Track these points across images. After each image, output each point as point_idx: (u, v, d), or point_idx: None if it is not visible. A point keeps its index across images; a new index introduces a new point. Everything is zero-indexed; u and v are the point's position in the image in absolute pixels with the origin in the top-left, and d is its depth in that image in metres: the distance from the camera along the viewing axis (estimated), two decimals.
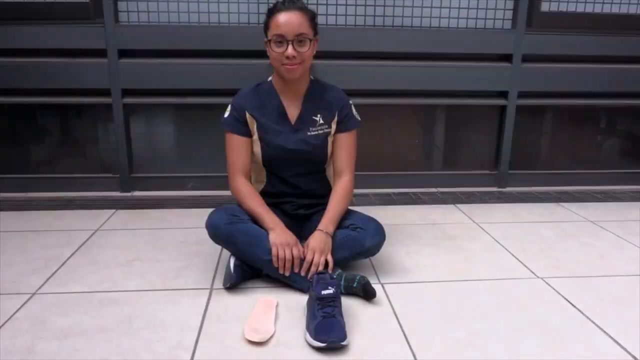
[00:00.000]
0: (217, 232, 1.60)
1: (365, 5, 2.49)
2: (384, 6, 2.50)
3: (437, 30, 2.55)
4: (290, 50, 1.52)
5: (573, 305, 1.51)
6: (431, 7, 2.52)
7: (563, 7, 2.59)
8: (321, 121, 1.69)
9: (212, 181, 2.60)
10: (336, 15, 2.47)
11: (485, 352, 1.26)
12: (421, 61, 2.54)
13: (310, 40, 1.56)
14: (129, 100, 2.49)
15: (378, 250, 1.66)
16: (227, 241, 1.59)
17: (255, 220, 1.62)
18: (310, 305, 1.37)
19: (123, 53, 2.42)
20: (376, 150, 2.66)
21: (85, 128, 2.58)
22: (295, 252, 1.51)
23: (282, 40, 1.53)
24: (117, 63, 2.40)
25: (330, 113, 1.70)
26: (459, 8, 2.53)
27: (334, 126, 1.71)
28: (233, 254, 1.60)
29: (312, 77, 1.73)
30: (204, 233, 1.61)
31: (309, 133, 1.68)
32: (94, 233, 2.02)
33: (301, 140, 1.67)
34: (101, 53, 2.39)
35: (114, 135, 2.53)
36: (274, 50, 1.55)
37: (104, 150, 2.61)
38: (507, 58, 2.59)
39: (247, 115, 1.66)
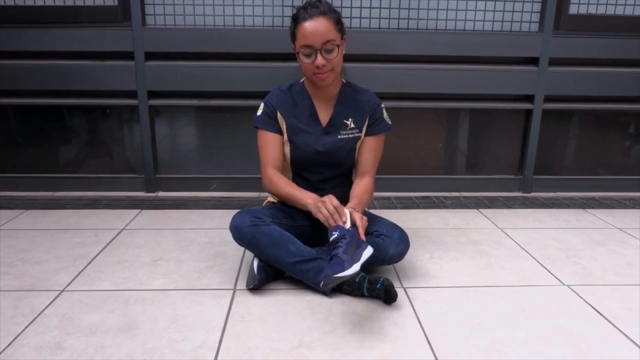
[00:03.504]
0: (241, 234, 1.61)
1: (390, 8, 2.48)
2: (409, 9, 2.49)
3: (462, 33, 2.53)
4: (319, 59, 1.52)
5: (600, 313, 1.48)
6: (456, 9, 2.50)
7: (592, 10, 2.55)
8: (352, 125, 1.68)
9: (235, 182, 2.63)
10: (360, 17, 2.48)
11: (509, 359, 1.25)
12: (446, 64, 2.52)
13: (338, 45, 1.55)
14: (154, 102, 2.53)
15: (401, 258, 1.65)
16: (250, 243, 1.60)
17: (288, 214, 1.63)
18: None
19: (149, 55, 2.46)
20: (399, 153, 2.65)
21: (111, 129, 2.64)
22: (334, 202, 1.48)
23: (310, 51, 1.52)
24: (143, 65, 2.45)
25: (362, 117, 1.69)
26: (485, 11, 2.51)
27: (364, 130, 1.70)
28: (256, 255, 1.61)
29: (344, 81, 1.71)
30: (227, 234, 1.63)
31: (339, 136, 1.68)
32: (119, 232, 2.06)
33: (332, 143, 1.67)
34: (128, 56, 2.44)
35: (139, 136, 2.58)
36: (303, 61, 1.54)
37: (130, 151, 2.66)
38: (533, 61, 2.56)
39: (278, 115, 1.67)
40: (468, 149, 2.75)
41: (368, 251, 1.38)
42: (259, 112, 1.70)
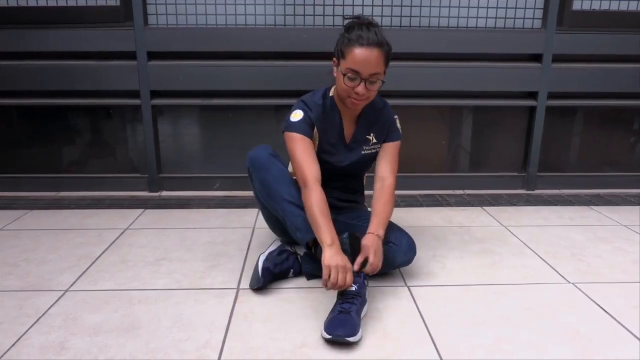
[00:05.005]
0: (257, 158, 1.64)
1: (392, 6, 2.48)
2: (411, 7, 2.48)
3: (465, 31, 2.52)
4: (361, 88, 1.50)
5: (606, 311, 1.47)
6: (459, 7, 2.49)
7: (596, 6, 2.53)
8: (374, 140, 1.70)
9: (238, 182, 2.62)
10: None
11: (515, 359, 1.24)
12: (449, 62, 2.51)
13: (382, 81, 1.54)
14: (157, 102, 2.53)
15: (408, 265, 1.66)
16: (263, 166, 1.62)
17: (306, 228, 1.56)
18: (335, 303, 1.40)
19: (152, 55, 2.46)
20: (402, 152, 2.63)
21: (114, 129, 2.64)
22: (348, 279, 1.38)
23: (356, 76, 1.49)
24: (146, 65, 2.45)
25: (382, 132, 1.71)
26: (488, 8, 2.50)
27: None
28: (257, 184, 1.64)
29: None
30: (231, 233, 1.63)
31: (363, 152, 1.70)
32: (123, 232, 2.06)
33: (356, 159, 1.70)
34: (131, 56, 2.44)
35: (142, 136, 2.58)
36: (346, 84, 1.52)
37: (133, 151, 2.66)
38: (537, 58, 2.55)
39: (315, 129, 1.65)
40: (472, 146, 2.74)
41: (365, 309, 1.42)
42: (298, 119, 1.62)
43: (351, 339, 1.27)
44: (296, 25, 2.48)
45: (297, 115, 1.62)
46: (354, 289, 1.39)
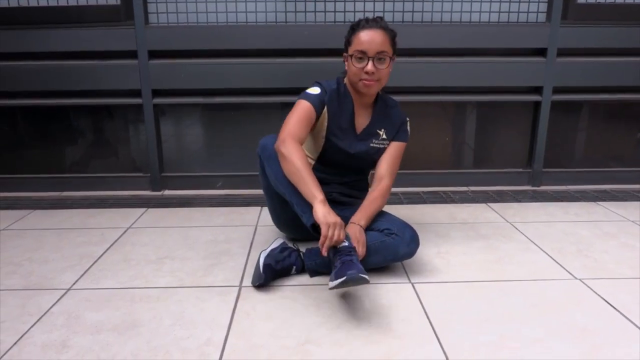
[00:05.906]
0: (268, 146, 1.66)
1: (394, 1, 2.46)
2: (413, 1, 2.46)
3: (468, 25, 2.50)
4: (370, 66, 1.58)
5: (613, 307, 1.45)
6: (462, 1, 2.47)
7: None
8: (384, 136, 1.76)
9: (240, 180, 2.62)
10: (364, 11, 2.45)
11: (520, 356, 1.22)
12: (452, 57, 2.49)
13: (390, 58, 1.61)
14: (159, 100, 2.52)
15: (411, 257, 1.65)
16: (272, 155, 1.62)
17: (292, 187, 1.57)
18: (332, 264, 1.42)
19: (153, 54, 2.45)
20: (406, 149, 2.63)
21: (116, 128, 2.63)
22: (342, 234, 1.43)
23: (363, 56, 1.59)
24: (147, 64, 2.44)
25: (392, 130, 1.78)
26: (491, 2, 2.48)
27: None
28: (270, 169, 1.65)
29: (379, 92, 1.77)
30: (233, 231, 1.63)
31: (371, 145, 1.75)
32: (125, 231, 2.05)
33: (364, 150, 1.74)
34: (132, 54, 2.44)
35: (144, 135, 2.57)
36: (355, 66, 1.61)
37: (135, 150, 2.65)
38: (541, 52, 2.52)
39: (325, 110, 1.69)
40: (476, 142, 2.72)
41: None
42: (314, 92, 1.68)
43: (365, 276, 1.30)
44: (297, 22, 2.47)
45: (314, 90, 1.70)
46: (346, 243, 1.43)
